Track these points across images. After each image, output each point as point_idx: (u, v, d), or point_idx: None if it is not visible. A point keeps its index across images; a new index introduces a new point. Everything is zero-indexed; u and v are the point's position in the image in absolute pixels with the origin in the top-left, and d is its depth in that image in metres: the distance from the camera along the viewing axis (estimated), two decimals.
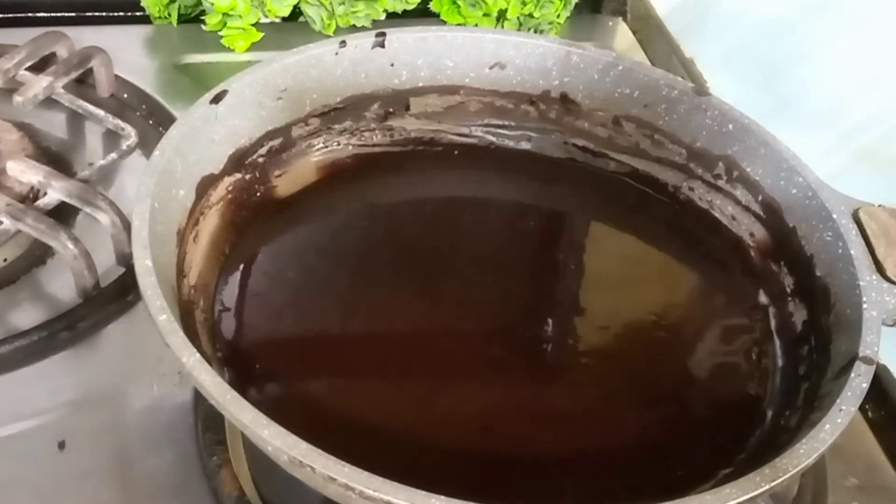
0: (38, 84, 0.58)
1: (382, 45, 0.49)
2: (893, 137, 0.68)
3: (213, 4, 0.67)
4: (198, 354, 0.33)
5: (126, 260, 0.50)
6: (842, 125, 0.70)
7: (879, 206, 0.44)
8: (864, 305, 0.40)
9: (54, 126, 0.60)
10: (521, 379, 0.43)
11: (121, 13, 0.73)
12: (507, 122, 0.53)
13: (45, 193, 0.52)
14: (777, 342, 0.45)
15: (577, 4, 0.74)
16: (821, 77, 0.73)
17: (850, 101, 0.71)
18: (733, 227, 0.49)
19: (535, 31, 0.72)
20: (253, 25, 0.69)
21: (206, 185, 0.44)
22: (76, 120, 0.61)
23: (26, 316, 0.48)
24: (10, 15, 0.70)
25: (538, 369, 0.44)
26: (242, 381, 0.40)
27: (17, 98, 0.57)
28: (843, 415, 0.35)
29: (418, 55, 0.50)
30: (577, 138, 0.53)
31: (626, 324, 0.47)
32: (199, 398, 0.44)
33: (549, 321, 0.45)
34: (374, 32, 0.49)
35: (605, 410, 0.42)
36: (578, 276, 0.49)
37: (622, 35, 0.78)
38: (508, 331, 0.45)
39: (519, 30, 0.71)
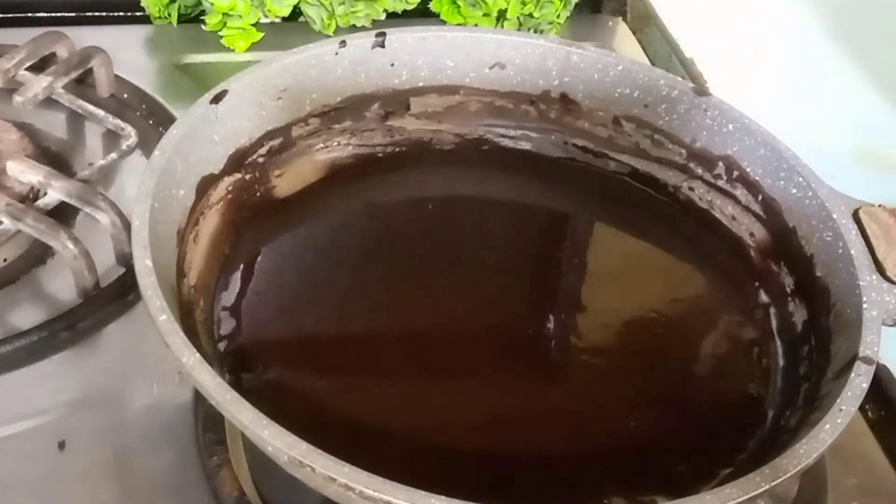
0: (38, 84, 0.58)
1: (382, 45, 0.49)
2: (893, 137, 0.68)
3: (213, 4, 0.67)
4: (198, 354, 0.33)
5: (126, 260, 0.50)
6: (842, 125, 0.70)
7: (879, 206, 0.44)
8: (864, 305, 0.40)
9: (54, 126, 0.60)
10: (521, 378, 0.43)
11: (121, 13, 0.73)
12: (507, 122, 0.53)
13: (45, 193, 0.52)
14: (778, 342, 0.45)
15: (577, 4, 0.74)
16: (821, 76, 0.73)
17: (850, 100, 0.71)
18: (733, 227, 0.49)
19: (535, 31, 0.72)
20: (253, 25, 0.69)
21: (206, 185, 0.44)
22: (76, 120, 0.61)
23: (26, 316, 0.48)
24: (10, 15, 0.70)
25: (539, 368, 0.44)
26: (242, 382, 0.40)
27: (17, 98, 0.57)
28: (843, 415, 0.35)
29: (418, 55, 0.50)
30: (577, 138, 0.53)
31: (627, 323, 0.47)
32: (199, 398, 0.44)
33: (550, 321, 0.45)
34: (374, 32, 0.49)
35: (606, 409, 0.42)
36: (579, 277, 0.49)
37: (622, 35, 0.78)
38: (509, 330, 0.45)
39: (519, 30, 0.71)
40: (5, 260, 0.51)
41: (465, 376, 0.43)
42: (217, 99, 0.44)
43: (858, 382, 0.36)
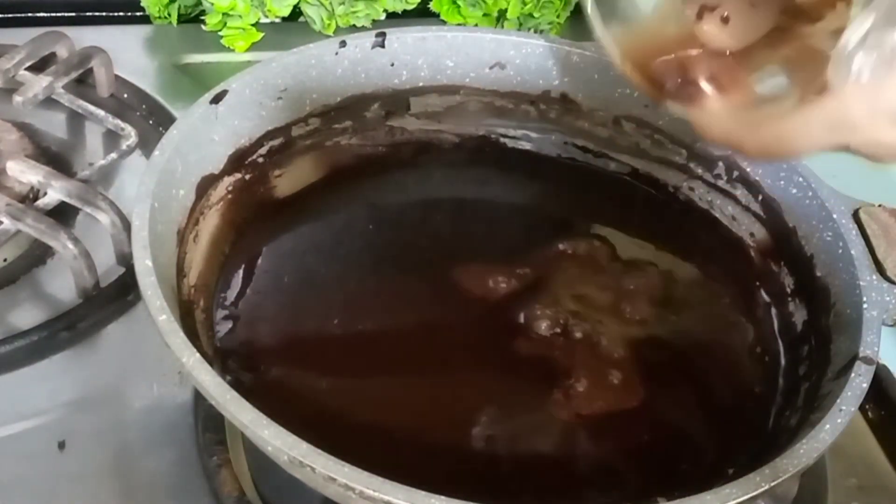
0: (38, 84, 0.58)
1: (382, 45, 0.49)
2: None
3: (213, 4, 0.67)
4: (198, 354, 0.33)
5: (126, 260, 0.50)
6: None
7: (879, 206, 0.44)
8: (864, 305, 0.40)
9: (54, 126, 0.60)
10: (524, 379, 0.43)
11: (121, 13, 0.73)
12: (507, 122, 0.53)
13: (45, 193, 0.52)
14: (778, 342, 0.45)
15: (577, 4, 0.74)
16: None
17: None
18: (733, 227, 0.49)
19: (536, 31, 0.72)
20: (253, 25, 0.69)
21: (206, 185, 0.44)
22: (76, 120, 0.61)
23: (26, 316, 0.48)
24: (10, 15, 0.70)
25: (541, 369, 0.43)
26: (242, 382, 0.40)
27: (17, 98, 0.57)
28: (843, 415, 0.35)
29: (418, 55, 0.50)
30: (577, 138, 0.53)
31: (628, 324, 0.47)
32: (199, 398, 0.44)
33: (551, 321, 0.45)
34: (374, 32, 0.49)
35: (607, 409, 0.42)
36: (579, 278, 0.49)
37: None
38: (510, 330, 0.45)
39: (519, 30, 0.71)
40: (5, 260, 0.51)
41: (466, 376, 0.43)
42: (217, 99, 0.44)
43: (858, 382, 0.36)
